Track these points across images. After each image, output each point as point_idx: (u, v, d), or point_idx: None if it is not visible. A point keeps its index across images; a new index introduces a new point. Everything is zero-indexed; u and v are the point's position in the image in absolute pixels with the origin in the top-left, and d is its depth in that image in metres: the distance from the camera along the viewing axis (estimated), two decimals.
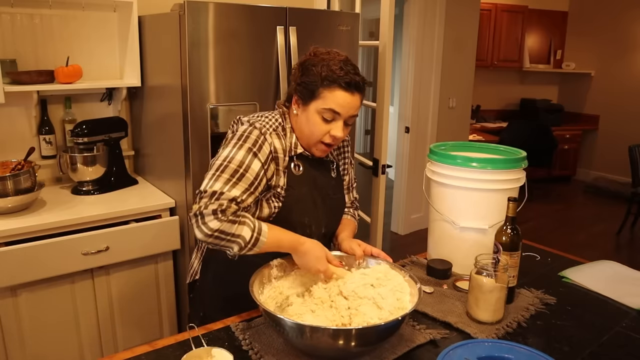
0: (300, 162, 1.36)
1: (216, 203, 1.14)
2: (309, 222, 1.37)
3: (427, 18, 4.17)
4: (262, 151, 1.25)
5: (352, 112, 1.28)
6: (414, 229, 4.59)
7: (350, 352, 1.06)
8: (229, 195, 1.16)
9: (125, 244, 2.03)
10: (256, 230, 1.18)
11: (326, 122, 1.28)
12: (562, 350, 1.17)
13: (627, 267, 1.62)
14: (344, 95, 1.25)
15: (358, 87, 1.27)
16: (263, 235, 1.19)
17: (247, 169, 1.21)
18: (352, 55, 2.40)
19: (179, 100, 1.99)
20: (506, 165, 1.47)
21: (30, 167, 2.03)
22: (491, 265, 1.26)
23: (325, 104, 1.25)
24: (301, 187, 1.35)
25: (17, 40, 2.21)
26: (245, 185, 1.20)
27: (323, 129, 1.28)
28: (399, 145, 4.47)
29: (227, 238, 1.15)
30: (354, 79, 1.25)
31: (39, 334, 1.94)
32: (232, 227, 1.15)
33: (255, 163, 1.23)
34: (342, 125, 1.29)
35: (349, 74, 1.25)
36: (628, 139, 5.51)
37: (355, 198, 1.63)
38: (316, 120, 1.27)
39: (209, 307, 1.48)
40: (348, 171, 1.56)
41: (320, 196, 1.40)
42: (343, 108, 1.26)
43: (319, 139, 1.30)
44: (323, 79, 1.24)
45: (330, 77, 1.24)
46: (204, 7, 1.91)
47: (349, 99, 1.26)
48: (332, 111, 1.26)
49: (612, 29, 6.21)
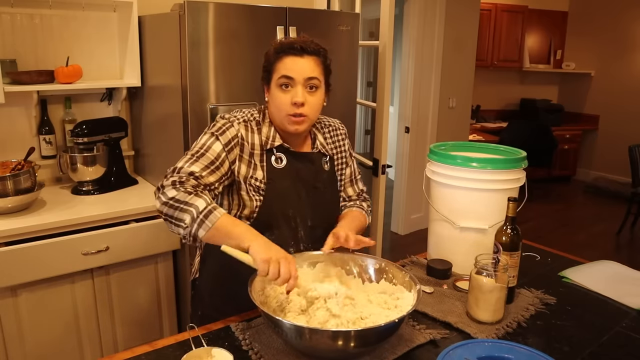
0: (283, 155, 1.37)
1: (176, 176, 1.23)
2: (293, 214, 1.37)
3: (427, 18, 4.18)
4: (224, 135, 1.30)
5: (307, 74, 1.29)
6: (414, 229, 4.59)
7: (349, 352, 1.06)
8: (187, 170, 1.24)
9: (125, 244, 2.03)
10: (212, 205, 1.20)
11: (285, 92, 1.30)
12: (562, 350, 1.17)
13: (627, 267, 1.62)
14: (292, 60, 1.29)
15: (305, 50, 1.29)
16: (218, 211, 1.19)
17: (207, 149, 1.28)
18: (352, 55, 2.41)
19: (179, 100, 1.99)
20: (506, 165, 1.47)
21: (30, 167, 2.03)
22: (491, 265, 1.26)
23: (278, 74, 1.30)
24: (283, 180, 1.36)
25: (17, 40, 2.21)
26: (205, 163, 1.26)
27: (284, 99, 1.30)
28: (399, 145, 4.47)
29: (180, 206, 1.19)
30: (299, 42, 1.29)
31: (39, 334, 1.94)
32: (187, 197, 1.19)
33: (217, 145, 1.29)
34: (300, 90, 1.29)
35: (296, 41, 1.29)
36: (628, 139, 5.50)
37: (361, 190, 1.60)
38: (277, 93, 1.31)
39: (207, 306, 1.48)
40: (348, 164, 1.55)
41: (305, 189, 1.39)
42: (294, 71, 1.28)
43: (286, 112, 1.30)
44: (273, 55, 1.31)
45: (278, 49, 1.30)
46: (204, 7, 1.91)
47: (298, 61, 1.29)
48: (285, 77, 1.29)
49: (612, 29, 6.21)
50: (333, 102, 2.37)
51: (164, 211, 1.21)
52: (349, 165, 1.55)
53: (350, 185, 1.57)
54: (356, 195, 1.58)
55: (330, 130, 1.51)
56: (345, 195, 1.56)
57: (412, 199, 4.50)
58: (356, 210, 1.52)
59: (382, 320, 1.10)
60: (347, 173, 1.55)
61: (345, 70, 2.39)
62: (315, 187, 1.42)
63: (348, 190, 1.56)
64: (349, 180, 1.56)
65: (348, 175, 1.56)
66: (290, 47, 1.29)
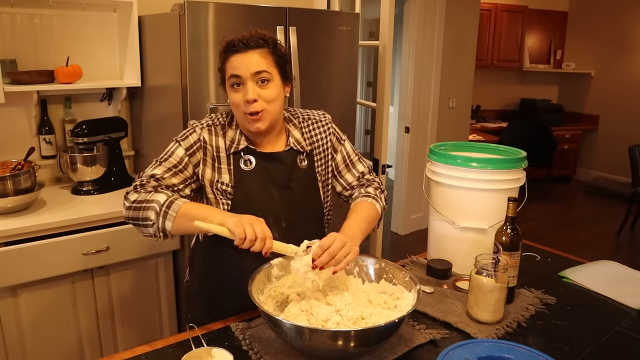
0: (252, 157, 1.35)
1: (138, 180, 1.29)
2: (264, 215, 1.30)
3: (427, 18, 4.18)
4: (186, 140, 1.32)
5: (253, 69, 1.26)
6: (414, 229, 4.59)
7: (349, 352, 1.06)
8: (148, 173, 1.29)
9: (125, 244, 2.03)
10: (173, 197, 1.23)
11: (237, 91, 1.28)
12: (562, 350, 1.17)
13: (627, 267, 1.62)
14: (236, 58, 1.27)
15: (248, 45, 1.26)
16: (180, 200, 1.22)
17: (171, 154, 1.31)
18: (352, 55, 2.41)
19: (179, 100, 1.99)
20: (506, 165, 1.47)
21: (30, 167, 2.03)
22: (491, 265, 1.26)
23: (227, 74, 1.29)
24: (251, 182, 1.34)
25: (17, 40, 2.21)
26: (167, 166, 1.30)
27: (237, 99, 1.28)
28: (399, 145, 4.47)
29: (142, 206, 1.23)
30: (242, 39, 1.27)
31: (39, 334, 1.94)
32: (147, 195, 1.24)
33: (179, 149, 1.31)
34: (250, 86, 1.26)
35: (238, 38, 1.27)
36: (628, 139, 5.50)
37: (362, 173, 1.49)
38: (231, 94, 1.30)
39: (195, 308, 1.49)
40: (338, 150, 1.47)
41: (277, 190, 1.36)
42: (239, 69, 1.26)
43: (242, 112, 1.29)
44: (221, 56, 1.30)
45: (224, 49, 1.29)
46: (204, 7, 1.91)
47: (242, 58, 1.26)
48: (232, 77, 1.27)
49: (612, 29, 6.21)
50: (333, 102, 2.39)
51: (129, 215, 1.25)
52: (338, 151, 1.47)
53: (347, 170, 1.48)
54: (357, 181, 1.48)
55: (309, 124, 1.44)
56: (345, 183, 1.48)
57: (412, 199, 4.50)
58: (361, 202, 1.40)
59: (382, 320, 1.10)
60: (339, 160, 1.47)
61: (345, 70, 2.39)
62: (289, 187, 1.37)
63: (346, 177, 1.48)
64: (344, 165, 1.48)
65: (341, 161, 1.47)
66: (232, 45, 1.27)
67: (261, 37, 1.28)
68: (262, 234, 1.13)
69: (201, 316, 1.40)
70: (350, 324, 1.09)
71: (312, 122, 1.44)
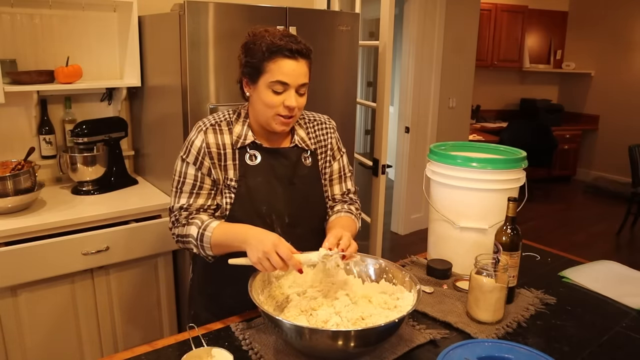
0: (257, 152, 1.36)
1: (172, 216, 1.36)
2: (268, 211, 1.35)
3: (427, 18, 4.18)
4: (190, 155, 1.34)
5: (301, 80, 1.28)
6: (414, 229, 4.59)
7: (349, 352, 1.06)
8: (176, 207, 1.35)
9: (125, 244, 2.03)
10: (202, 226, 1.29)
11: (277, 95, 1.27)
12: (562, 350, 1.17)
13: (627, 267, 1.62)
14: (288, 64, 1.25)
15: (301, 53, 1.27)
16: (208, 231, 1.27)
17: (184, 176, 1.34)
18: (352, 55, 2.41)
19: (179, 100, 1.99)
20: (506, 165, 1.47)
21: (30, 167, 2.03)
22: (491, 265, 1.26)
23: (272, 77, 1.26)
24: (256, 176, 1.35)
25: (17, 40, 2.21)
26: (188, 190, 1.34)
27: (276, 101, 1.28)
28: (399, 145, 4.47)
29: (183, 240, 1.33)
30: (295, 46, 1.26)
31: (39, 334, 1.94)
32: (183, 230, 1.32)
33: (190, 168, 1.34)
34: (293, 94, 1.27)
35: (289, 42, 1.25)
36: (628, 139, 5.50)
37: (348, 190, 1.52)
38: (267, 94, 1.28)
39: (198, 305, 1.50)
40: (337, 158, 1.49)
41: (281, 185, 1.37)
42: (290, 77, 1.26)
43: (275, 113, 1.29)
44: (265, 53, 1.26)
45: (272, 49, 1.25)
46: (204, 7, 1.91)
47: (294, 66, 1.26)
48: (280, 83, 1.26)
49: (612, 29, 6.21)
50: (333, 102, 2.39)
51: (181, 247, 1.38)
52: (337, 160, 1.50)
53: (338, 182, 1.50)
54: (341, 196, 1.50)
55: (315, 124, 1.47)
56: (331, 193, 1.49)
57: (412, 199, 4.50)
58: (345, 217, 1.43)
59: (382, 320, 1.10)
60: (335, 169, 1.49)
61: (345, 70, 2.39)
62: (292, 182, 1.38)
63: (334, 187, 1.50)
64: (337, 176, 1.50)
65: (336, 171, 1.50)
66: (290, 50, 1.25)
67: (307, 48, 1.29)
68: (279, 264, 1.14)
69: (204, 314, 1.40)
70: (350, 325, 1.09)
71: (318, 123, 1.48)
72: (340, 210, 1.46)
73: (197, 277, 1.51)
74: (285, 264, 1.14)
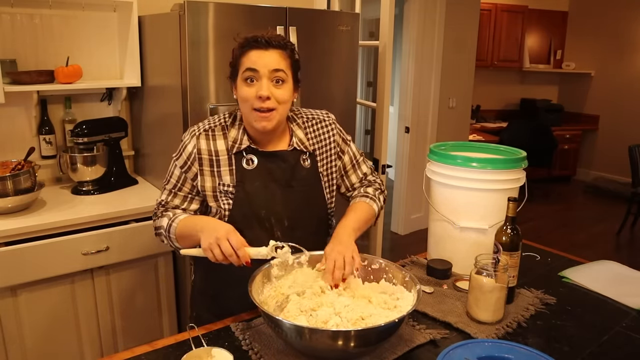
0: (254, 156, 1.35)
1: (154, 209, 1.43)
2: (266, 215, 1.34)
3: (427, 18, 4.18)
4: (180, 158, 1.36)
5: (272, 66, 1.26)
6: (414, 229, 4.59)
7: (349, 352, 1.06)
8: (159, 200, 1.42)
9: (125, 244, 2.03)
10: (172, 218, 1.34)
11: (250, 85, 1.27)
12: (562, 350, 1.17)
13: (627, 267, 1.62)
14: (256, 53, 1.27)
15: (270, 43, 1.27)
16: (175, 222, 1.32)
17: (171, 175, 1.39)
18: (352, 55, 2.41)
19: (179, 100, 1.99)
20: (506, 165, 1.47)
21: (30, 167, 2.03)
22: (491, 265, 1.26)
23: (243, 67, 1.28)
24: (253, 181, 1.34)
25: (17, 40, 2.21)
26: (169, 188, 1.40)
27: (249, 93, 1.27)
28: (399, 145, 4.47)
29: (158, 232, 1.39)
30: (263, 36, 1.27)
31: (39, 334, 1.94)
32: (156, 222, 1.39)
33: (177, 169, 1.38)
34: (265, 83, 1.26)
35: (260, 35, 1.28)
36: (628, 139, 5.50)
37: (364, 174, 1.52)
38: (242, 87, 1.28)
39: (200, 307, 1.49)
40: (344, 151, 1.48)
41: (280, 188, 1.36)
42: (258, 64, 1.26)
43: (251, 107, 1.27)
44: (238, 49, 1.30)
45: (243, 43, 1.29)
46: (204, 7, 1.91)
47: (262, 54, 1.26)
48: (249, 70, 1.26)
49: (612, 29, 6.21)
50: (333, 102, 2.39)
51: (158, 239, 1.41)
52: (345, 152, 1.48)
53: (353, 171, 1.50)
54: (359, 182, 1.51)
55: (313, 123, 1.44)
56: (349, 183, 1.51)
57: (412, 199, 4.50)
58: (359, 202, 1.44)
59: (382, 320, 1.10)
60: (347, 160, 1.49)
61: (345, 70, 2.39)
62: (291, 185, 1.37)
63: (352, 177, 1.50)
64: (351, 166, 1.50)
65: (348, 162, 1.49)
66: (255, 40, 1.27)
67: (282, 39, 1.30)
68: (228, 250, 1.16)
69: (206, 315, 1.39)
70: (350, 325, 1.09)
71: (316, 121, 1.45)
72: (356, 196, 1.49)
73: (199, 278, 1.50)
74: (235, 254, 1.16)
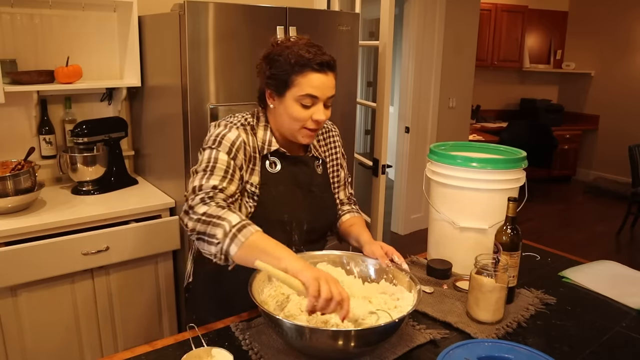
0: (277, 160, 1.35)
1: (201, 193, 1.18)
2: (289, 219, 1.35)
3: (427, 18, 4.18)
4: (222, 146, 1.26)
5: (329, 93, 1.27)
6: (414, 229, 4.59)
7: (349, 352, 1.06)
8: (209, 185, 1.20)
9: (125, 244, 2.03)
10: (246, 221, 1.12)
11: (306, 108, 1.26)
12: (562, 350, 1.17)
13: (627, 267, 1.62)
14: (317, 77, 1.24)
15: (330, 66, 1.26)
16: (253, 227, 1.11)
17: (215, 161, 1.24)
18: (352, 55, 2.41)
19: (179, 100, 1.99)
20: (506, 165, 1.47)
21: (30, 167, 2.03)
22: (491, 265, 1.26)
23: (301, 90, 1.24)
24: (278, 184, 1.34)
25: (17, 40, 2.21)
26: (220, 174, 1.22)
27: (304, 115, 1.27)
28: (399, 145, 4.47)
29: (212, 221, 1.11)
30: (323, 58, 1.24)
31: (39, 334, 1.94)
32: (219, 211, 1.13)
33: (221, 155, 1.25)
34: (322, 107, 1.28)
35: (317, 55, 1.24)
36: (628, 139, 5.50)
37: (351, 193, 1.60)
38: (296, 108, 1.26)
39: (201, 310, 1.47)
40: (342, 166, 1.54)
41: (302, 193, 1.38)
42: (320, 90, 1.25)
43: (302, 126, 1.28)
44: (293, 66, 1.23)
45: (300, 62, 1.23)
46: (204, 7, 1.91)
47: (324, 79, 1.25)
48: (309, 96, 1.25)
49: (612, 29, 6.21)
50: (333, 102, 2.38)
51: (196, 229, 1.12)
52: (342, 167, 1.55)
53: (343, 188, 1.57)
54: (347, 199, 1.57)
55: (323, 132, 1.50)
56: (338, 198, 1.55)
57: (412, 199, 4.50)
58: (359, 217, 1.53)
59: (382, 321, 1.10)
60: (342, 176, 1.55)
61: (345, 70, 2.39)
62: (311, 190, 1.40)
63: (341, 193, 1.56)
64: (343, 183, 1.56)
65: (342, 178, 1.56)
66: (319, 64, 1.23)
67: (334, 60, 1.28)
68: (339, 296, 1.01)
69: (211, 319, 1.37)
70: (350, 325, 1.09)
71: (325, 130, 1.51)
72: (351, 210, 1.54)
73: (202, 280, 1.47)
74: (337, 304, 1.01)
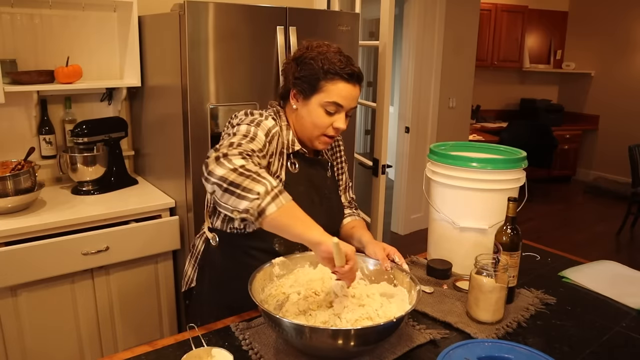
0: (297, 160, 1.37)
1: (239, 148, 1.10)
2: None
3: (427, 18, 4.18)
4: (260, 126, 1.23)
5: (353, 104, 1.31)
6: (414, 229, 4.59)
7: (349, 352, 1.06)
8: (248, 147, 1.13)
9: (125, 244, 2.03)
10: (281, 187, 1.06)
11: (329, 115, 1.30)
12: (562, 350, 1.17)
13: (627, 267, 1.62)
14: (346, 87, 1.27)
15: (359, 78, 1.30)
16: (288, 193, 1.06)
17: (255, 135, 1.20)
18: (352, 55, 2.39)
19: (179, 100, 1.99)
20: (506, 165, 1.47)
21: (30, 167, 2.03)
22: (491, 265, 1.26)
23: (328, 97, 1.27)
24: (297, 185, 1.35)
25: (17, 40, 2.21)
26: (259, 146, 1.18)
27: (326, 122, 1.30)
28: (399, 145, 4.47)
29: (252, 176, 1.03)
30: (354, 70, 1.28)
31: (39, 334, 1.94)
32: (258, 169, 1.06)
33: (260, 133, 1.21)
34: (344, 117, 1.31)
35: (348, 65, 1.27)
36: (628, 139, 5.51)
37: (352, 198, 1.62)
38: (319, 113, 1.29)
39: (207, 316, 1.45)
40: (344, 170, 1.57)
41: (318, 195, 1.40)
42: (346, 100, 1.28)
43: (322, 132, 1.31)
44: (325, 72, 1.26)
45: (332, 69, 1.26)
46: (204, 7, 1.91)
47: (351, 90, 1.29)
48: (335, 104, 1.28)
49: (612, 29, 6.21)
50: None
51: (229, 178, 1.02)
52: (345, 172, 1.57)
53: (344, 192, 1.59)
54: (348, 203, 1.60)
55: None
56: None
57: (412, 199, 4.50)
58: (360, 220, 1.56)
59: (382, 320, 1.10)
60: (343, 180, 1.57)
61: None
62: (325, 193, 1.43)
63: (342, 197, 1.58)
64: (344, 186, 1.58)
65: (345, 182, 1.58)
66: (350, 75, 1.27)
67: (362, 74, 1.32)
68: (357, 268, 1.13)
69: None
70: (349, 325, 1.09)
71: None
72: (352, 214, 1.57)
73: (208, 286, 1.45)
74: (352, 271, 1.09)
